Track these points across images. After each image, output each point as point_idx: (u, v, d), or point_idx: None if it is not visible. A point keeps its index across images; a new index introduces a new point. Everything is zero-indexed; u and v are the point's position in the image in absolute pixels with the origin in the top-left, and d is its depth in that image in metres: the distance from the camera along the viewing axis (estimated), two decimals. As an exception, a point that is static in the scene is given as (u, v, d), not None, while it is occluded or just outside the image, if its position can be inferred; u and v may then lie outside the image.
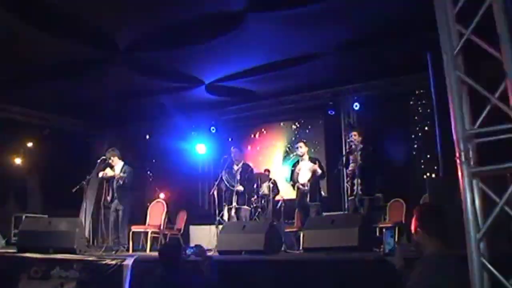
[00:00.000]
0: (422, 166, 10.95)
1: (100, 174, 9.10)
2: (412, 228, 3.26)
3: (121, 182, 8.86)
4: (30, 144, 13.47)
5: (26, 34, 8.06)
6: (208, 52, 8.94)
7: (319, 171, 8.57)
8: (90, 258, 7.14)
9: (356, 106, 11.24)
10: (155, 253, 6.31)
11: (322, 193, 9.15)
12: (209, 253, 6.76)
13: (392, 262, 3.77)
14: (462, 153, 2.73)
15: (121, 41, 8.53)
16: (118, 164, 9.13)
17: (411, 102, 11.16)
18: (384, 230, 7.03)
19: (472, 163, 2.75)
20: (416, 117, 11.10)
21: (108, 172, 9.06)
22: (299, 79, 10.69)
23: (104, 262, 6.71)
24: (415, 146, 11.20)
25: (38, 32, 7.98)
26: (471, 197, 2.70)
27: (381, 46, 8.77)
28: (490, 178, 2.82)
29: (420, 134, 11.06)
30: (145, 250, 9.37)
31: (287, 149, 13.04)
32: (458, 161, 2.73)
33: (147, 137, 14.09)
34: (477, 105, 2.84)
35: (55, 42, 8.34)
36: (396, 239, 7.21)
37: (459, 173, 2.73)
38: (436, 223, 3.18)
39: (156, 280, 5.43)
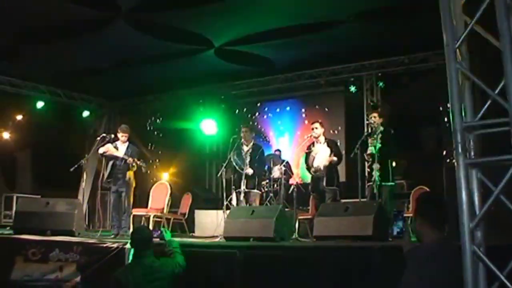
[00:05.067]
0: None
1: (101, 150, 9.28)
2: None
3: (134, 168, 9.17)
4: (19, 117, 13.82)
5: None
6: (220, 13, 9.09)
7: (335, 159, 8.91)
8: (91, 241, 7.74)
9: (380, 84, 11.56)
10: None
11: (340, 177, 9.44)
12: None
13: (400, 245, 4.16)
14: (459, 145, 3.20)
15: (123, 2, 8.74)
16: (124, 144, 9.40)
17: (441, 81, 11.31)
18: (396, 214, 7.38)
19: (472, 154, 3.24)
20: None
21: (111, 149, 9.27)
22: (318, 49, 10.86)
23: (105, 245, 7.30)
24: (446, 129, 11.41)
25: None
26: (466, 187, 3.17)
27: (410, 17, 8.94)
28: (492, 168, 3.30)
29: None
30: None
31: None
32: (454, 152, 3.22)
33: (153, 119, 14.50)
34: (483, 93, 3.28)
35: (50, 2, 8.52)
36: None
37: (455, 164, 3.21)
38: (432, 212, 3.61)
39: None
